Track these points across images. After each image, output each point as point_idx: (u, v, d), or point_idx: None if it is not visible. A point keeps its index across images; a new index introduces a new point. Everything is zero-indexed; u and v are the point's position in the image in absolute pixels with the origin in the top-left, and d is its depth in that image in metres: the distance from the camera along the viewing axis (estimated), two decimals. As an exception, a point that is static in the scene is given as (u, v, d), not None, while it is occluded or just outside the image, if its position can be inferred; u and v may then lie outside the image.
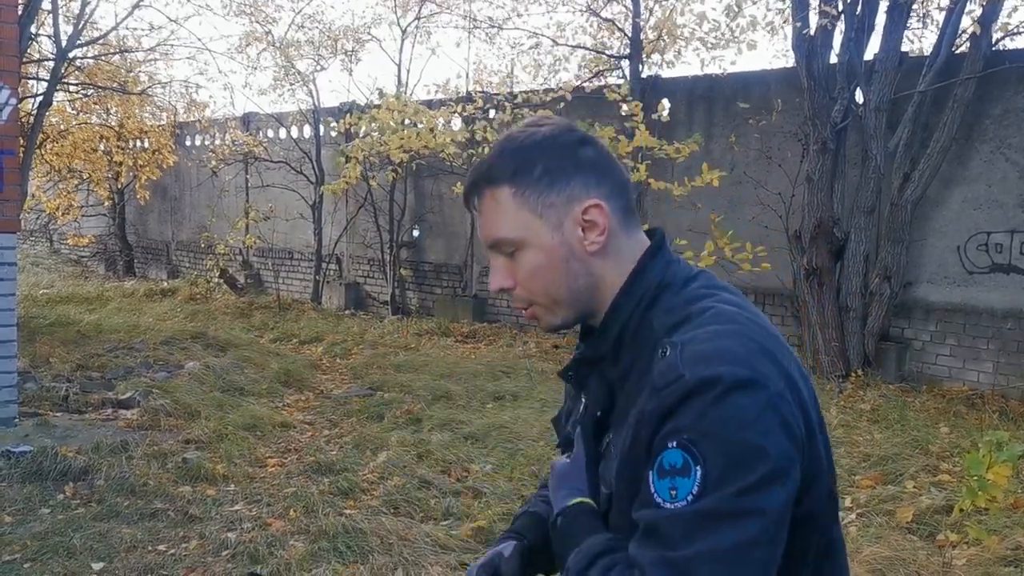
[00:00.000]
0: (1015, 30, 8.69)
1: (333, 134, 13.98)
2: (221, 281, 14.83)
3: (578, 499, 1.31)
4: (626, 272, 1.28)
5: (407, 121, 10.69)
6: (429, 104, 11.54)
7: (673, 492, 1.09)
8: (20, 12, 7.48)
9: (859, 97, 8.74)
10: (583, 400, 1.37)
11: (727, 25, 10.49)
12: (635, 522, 1.14)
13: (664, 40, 11.12)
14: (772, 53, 31.79)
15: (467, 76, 15.02)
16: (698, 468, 1.07)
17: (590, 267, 1.27)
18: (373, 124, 10.70)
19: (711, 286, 1.27)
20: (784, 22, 9.50)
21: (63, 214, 16.07)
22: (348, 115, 11.37)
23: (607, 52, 11.94)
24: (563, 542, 1.28)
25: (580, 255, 1.26)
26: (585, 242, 1.26)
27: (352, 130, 11.10)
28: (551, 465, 1.43)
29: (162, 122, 15.86)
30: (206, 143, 16.33)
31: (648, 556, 1.09)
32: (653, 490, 1.10)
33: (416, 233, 13.25)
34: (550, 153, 1.26)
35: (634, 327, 1.25)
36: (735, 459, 1.07)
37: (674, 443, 1.09)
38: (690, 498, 1.07)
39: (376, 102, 11.70)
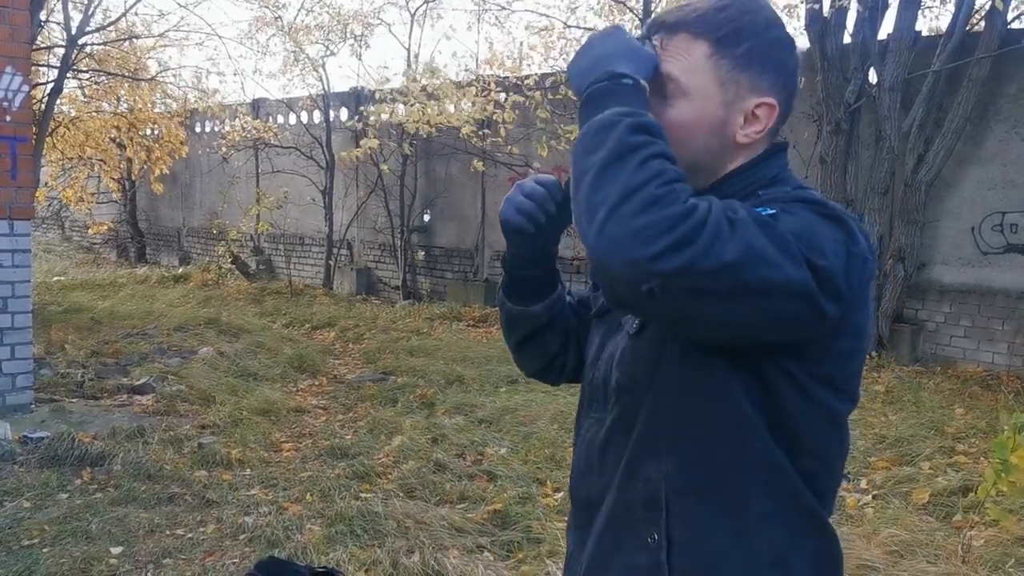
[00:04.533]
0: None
1: (343, 118, 13.95)
2: (233, 267, 14.86)
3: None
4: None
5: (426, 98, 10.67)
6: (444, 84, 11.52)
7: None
8: (30, -1, 7.46)
9: (873, 77, 8.67)
10: None
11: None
12: None
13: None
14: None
15: (477, 60, 14.97)
16: (789, 215, 1.13)
17: (726, 153, 1.28)
18: (397, 99, 10.70)
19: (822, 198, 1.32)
20: (800, 1, 9.40)
21: (78, 201, 16.10)
22: (365, 97, 11.35)
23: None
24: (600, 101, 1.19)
25: (727, 138, 1.27)
26: (740, 131, 1.26)
27: (378, 96, 10.99)
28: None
29: (172, 110, 15.84)
30: (216, 129, 16.33)
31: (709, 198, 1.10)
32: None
33: (427, 217, 13.24)
34: (764, 40, 1.26)
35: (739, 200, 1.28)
36: (813, 230, 1.13)
37: (771, 210, 1.13)
38: (773, 217, 1.12)
39: (393, 87, 11.70)
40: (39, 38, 11.02)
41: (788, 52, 1.28)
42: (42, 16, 10.46)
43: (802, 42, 9.67)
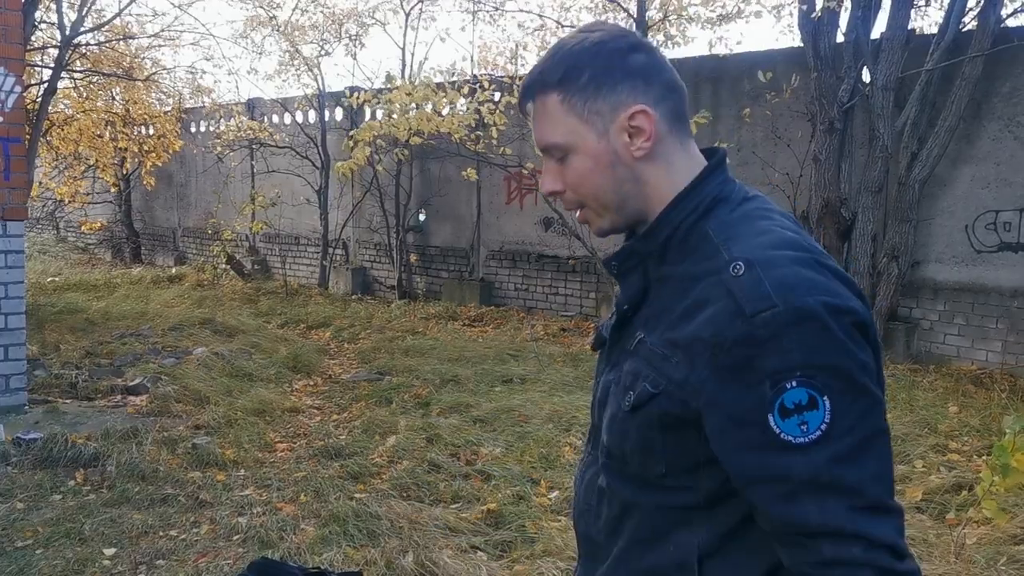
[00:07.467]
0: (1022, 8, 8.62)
1: (339, 118, 13.94)
2: (228, 267, 14.84)
3: None
4: (677, 178, 1.28)
5: (415, 105, 10.62)
6: (437, 87, 11.49)
7: (804, 427, 1.10)
8: (23, -1, 7.45)
9: (866, 76, 8.68)
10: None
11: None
12: (739, 461, 1.14)
13: (670, 20, 11.05)
14: (779, 30, 31.49)
15: (472, 59, 14.96)
16: (825, 399, 1.09)
17: (637, 172, 1.27)
18: (384, 106, 10.64)
19: (768, 208, 1.28)
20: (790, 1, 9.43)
21: (70, 201, 16.06)
22: (359, 93, 11.27)
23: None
24: None
25: (627, 161, 1.27)
26: (632, 148, 1.26)
27: (366, 107, 10.99)
28: None
29: (167, 108, 15.83)
30: (211, 129, 16.31)
31: (842, 509, 1.09)
32: (779, 431, 1.10)
33: (422, 217, 13.24)
34: (598, 60, 1.26)
35: (684, 232, 1.26)
36: (852, 385, 1.11)
37: (792, 383, 1.10)
38: (824, 427, 1.09)
39: (385, 86, 11.64)
40: (33, 38, 10.98)
41: (628, 54, 1.27)
42: (36, 16, 10.44)
43: (795, 38, 9.70)
